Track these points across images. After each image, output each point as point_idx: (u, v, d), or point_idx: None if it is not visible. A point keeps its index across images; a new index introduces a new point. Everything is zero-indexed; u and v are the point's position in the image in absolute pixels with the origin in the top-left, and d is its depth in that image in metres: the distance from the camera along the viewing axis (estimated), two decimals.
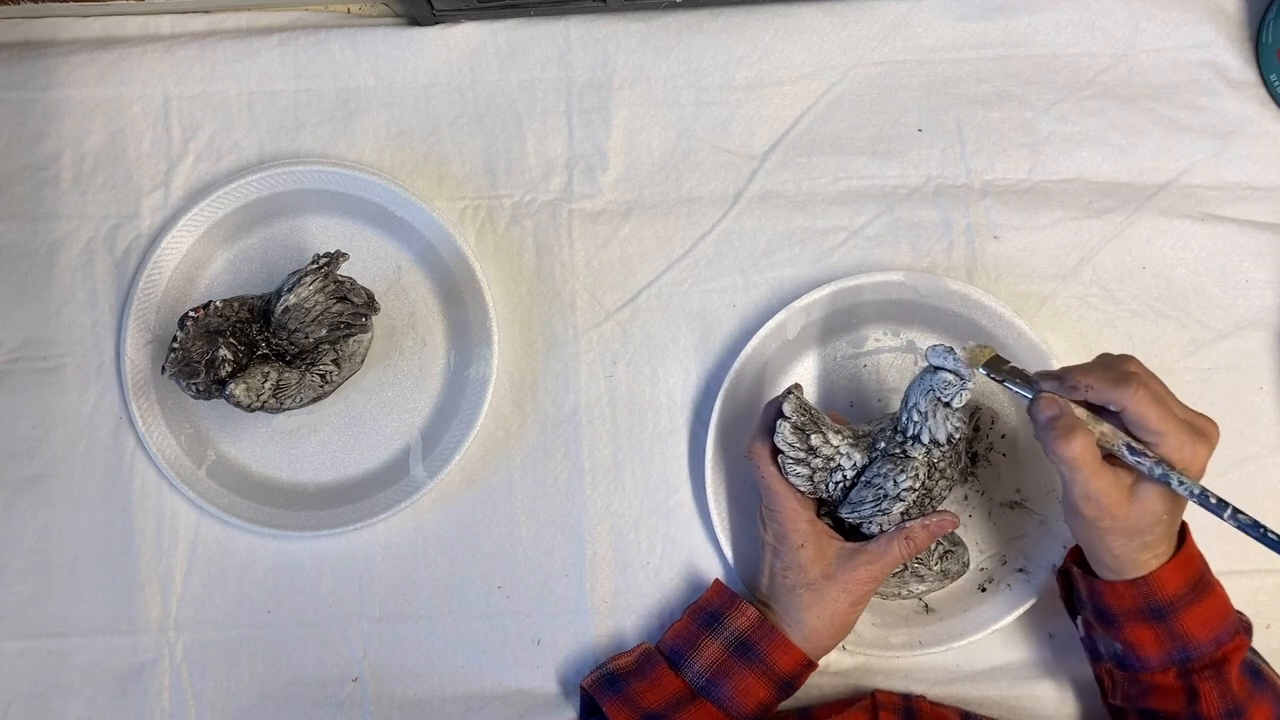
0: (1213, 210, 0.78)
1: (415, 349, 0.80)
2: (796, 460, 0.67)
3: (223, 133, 0.80)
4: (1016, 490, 0.77)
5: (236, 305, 0.72)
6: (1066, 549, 0.73)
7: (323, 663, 0.78)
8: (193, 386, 0.71)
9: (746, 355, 0.76)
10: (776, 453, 0.67)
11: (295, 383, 0.72)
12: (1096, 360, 0.63)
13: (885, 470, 0.66)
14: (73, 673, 0.78)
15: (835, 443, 0.67)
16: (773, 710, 0.69)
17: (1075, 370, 0.62)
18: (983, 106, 0.80)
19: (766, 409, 0.70)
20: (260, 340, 0.73)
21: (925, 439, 0.65)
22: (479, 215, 0.80)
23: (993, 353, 0.65)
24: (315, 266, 0.71)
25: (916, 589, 0.75)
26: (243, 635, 0.78)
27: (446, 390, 0.79)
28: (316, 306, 0.72)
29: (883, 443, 0.67)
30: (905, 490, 0.65)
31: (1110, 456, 0.61)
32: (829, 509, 0.71)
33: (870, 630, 0.74)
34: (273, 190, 0.78)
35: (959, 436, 0.66)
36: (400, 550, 0.78)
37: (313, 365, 0.73)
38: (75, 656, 0.78)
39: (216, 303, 0.71)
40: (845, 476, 0.67)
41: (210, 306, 0.70)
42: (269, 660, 0.78)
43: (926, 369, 0.64)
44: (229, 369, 0.71)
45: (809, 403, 0.68)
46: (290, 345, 0.73)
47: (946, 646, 0.74)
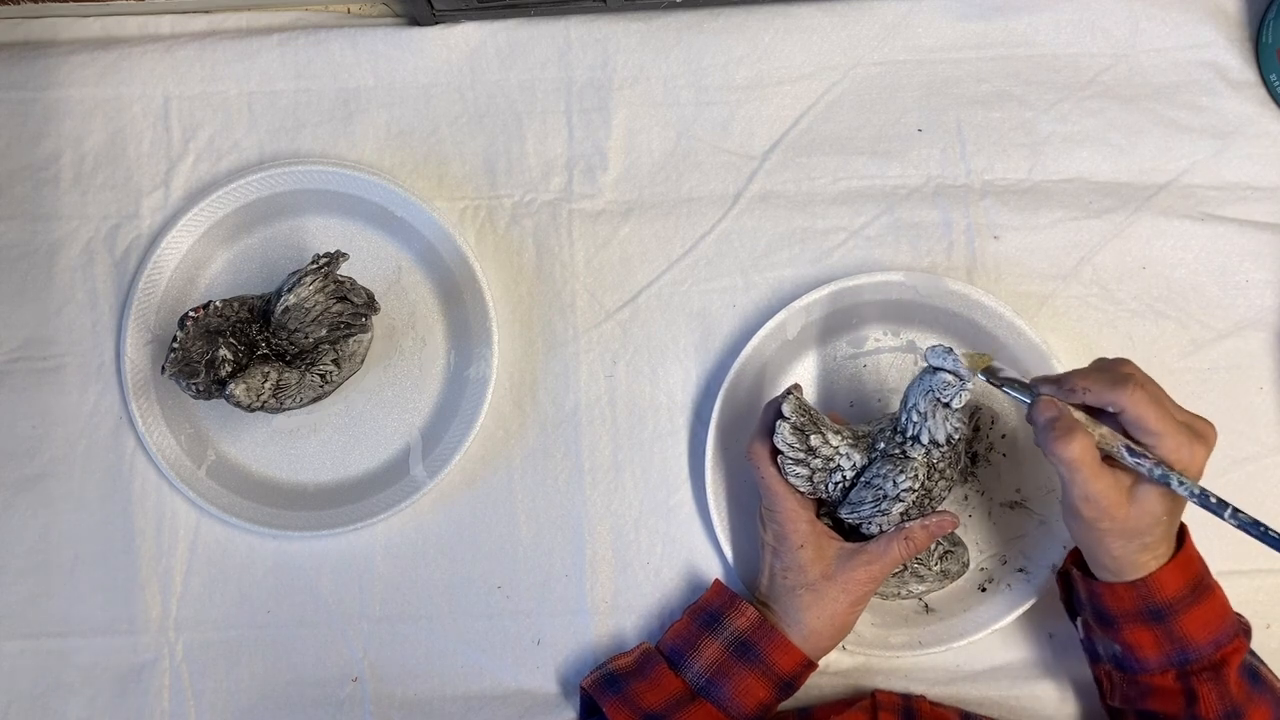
0: (1213, 210, 0.78)
1: (415, 349, 0.80)
2: (796, 461, 0.67)
3: (223, 133, 0.80)
4: (1016, 490, 0.77)
5: (236, 305, 0.72)
6: (1066, 549, 0.73)
7: (323, 663, 0.78)
8: (193, 386, 0.71)
9: (746, 355, 0.76)
10: (776, 453, 0.67)
11: (295, 383, 0.72)
12: (1093, 364, 0.64)
13: (885, 471, 0.66)
14: (73, 673, 0.78)
15: (835, 443, 0.67)
16: (773, 710, 0.69)
17: (1072, 374, 0.62)
18: (983, 106, 0.80)
19: (766, 409, 0.70)
20: (260, 340, 0.73)
21: (925, 439, 0.65)
22: (479, 215, 0.80)
23: (989, 361, 0.65)
24: (315, 266, 0.71)
25: (916, 589, 0.75)
26: (243, 635, 0.78)
27: (446, 390, 0.79)
28: (316, 306, 0.72)
29: (882, 443, 0.67)
30: (904, 491, 0.65)
31: (1109, 459, 0.61)
32: (829, 509, 0.71)
33: (870, 630, 0.74)
34: (273, 190, 0.78)
35: (958, 437, 0.66)
36: (400, 550, 0.79)
37: (313, 365, 0.73)
38: (75, 656, 0.78)
39: (216, 303, 0.71)
40: (845, 477, 0.67)
41: (210, 306, 0.70)
42: (269, 660, 0.78)
43: (926, 369, 0.65)
44: (229, 369, 0.71)
45: (808, 403, 0.68)
46: (290, 345, 0.73)
47: (946, 646, 0.74)
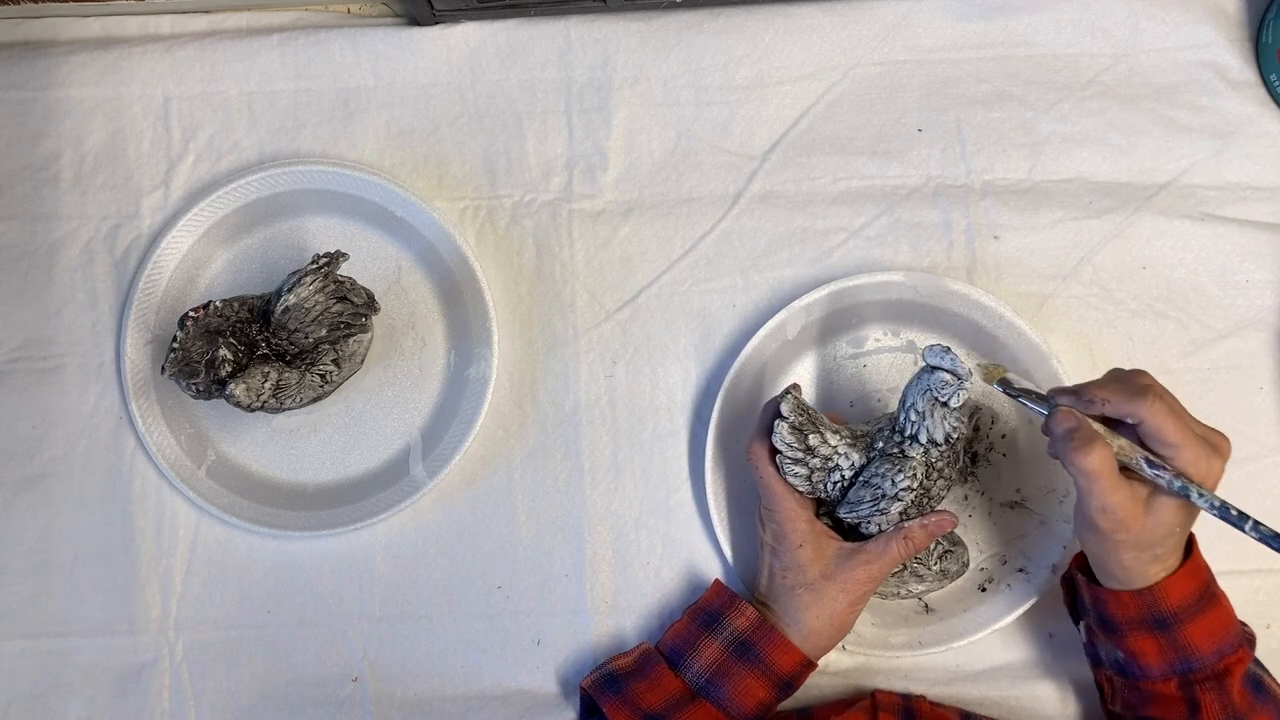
0: (1213, 210, 0.78)
1: (415, 349, 0.80)
2: (794, 460, 0.67)
3: (223, 133, 0.81)
4: (1016, 490, 0.77)
5: (236, 305, 0.72)
6: (1067, 549, 0.73)
7: (323, 663, 0.78)
8: (193, 386, 0.71)
9: (746, 355, 0.76)
10: (775, 453, 0.67)
11: (295, 383, 0.72)
12: (1109, 374, 0.63)
13: (883, 470, 0.66)
14: (73, 673, 0.78)
15: (833, 443, 0.67)
16: (772, 710, 0.69)
17: (1090, 385, 0.62)
18: (983, 106, 0.80)
19: (765, 409, 0.70)
20: (260, 340, 0.73)
21: (923, 439, 0.65)
22: (479, 215, 0.80)
23: (1004, 372, 0.65)
24: (315, 266, 0.71)
25: (916, 589, 0.75)
26: (243, 635, 0.78)
27: (446, 390, 0.79)
28: (316, 306, 0.72)
29: (881, 442, 0.67)
30: (903, 490, 0.65)
31: (1124, 470, 0.60)
32: (828, 509, 0.71)
33: (870, 630, 0.74)
34: (273, 190, 0.78)
35: (957, 436, 0.66)
36: (400, 550, 0.78)
37: (313, 365, 0.73)
38: (75, 656, 0.78)
39: (216, 303, 0.71)
40: (843, 476, 0.67)
41: (210, 306, 0.70)
42: (269, 660, 0.78)
43: (924, 369, 0.65)
44: (229, 369, 0.71)
45: (807, 403, 0.68)
46: (290, 345, 0.73)
47: (946, 646, 0.74)
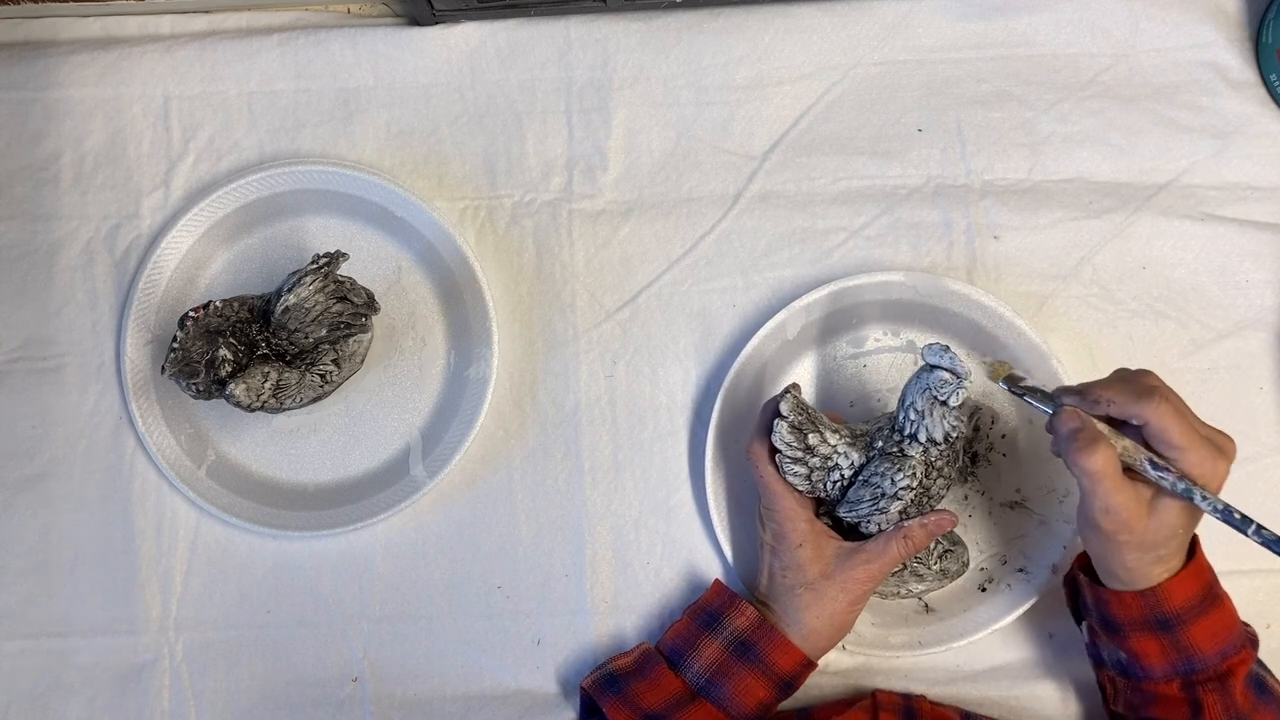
0: (1213, 210, 0.78)
1: (415, 349, 0.80)
2: (794, 460, 0.67)
3: (223, 133, 0.81)
4: (1016, 490, 0.77)
5: (236, 305, 0.72)
6: (1067, 549, 0.73)
7: (323, 663, 0.78)
8: (193, 386, 0.71)
9: (746, 355, 0.76)
10: (774, 452, 0.67)
11: (295, 383, 0.72)
12: (1114, 375, 0.63)
13: (883, 469, 0.66)
14: (73, 673, 0.78)
15: (833, 442, 0.67)
16: (772, 710, 0.69)
17: (1096, 385, 0.62)
18: (983, 106, 0.80)
19: (764, 409, 0.70)
20: (260, 340, 0.73)
21: (922, 438, 0.65)
22: (479, 215, 0.80)
23: (1010, 369, 0.65)
24: (315, 266, 0.71)
25: (916, 588, 0.75)
26: (243, 635, 0.78)
27: (446, 390, 0.79)
28: (316, 306, 0.72)
29: (880, 442, 0.67)
30: (903, 489, 0.65)
31: (1128, 471, 0.60)
32: (827, 508, 0.71)
33: (870, 630, 0.74)
34: (273, 190, 0.78)
35: (956, 435, 0.66)
36: (400, 550, 0.78)
37: (313, 365, 0.73)
38: (75, 656, 0.78)
39: (216, 303, 0.71)
40: (843, 476, 0.67)
41: (210, 306, 0.70)
42: (269, 660, 0.78)
43: (923, 368, 0.65)
44: (229, 369, 0.71)
45: (806, 402, 0.68)
46: (290, 345, 0.73)
47: (946, 646, 0.74)
